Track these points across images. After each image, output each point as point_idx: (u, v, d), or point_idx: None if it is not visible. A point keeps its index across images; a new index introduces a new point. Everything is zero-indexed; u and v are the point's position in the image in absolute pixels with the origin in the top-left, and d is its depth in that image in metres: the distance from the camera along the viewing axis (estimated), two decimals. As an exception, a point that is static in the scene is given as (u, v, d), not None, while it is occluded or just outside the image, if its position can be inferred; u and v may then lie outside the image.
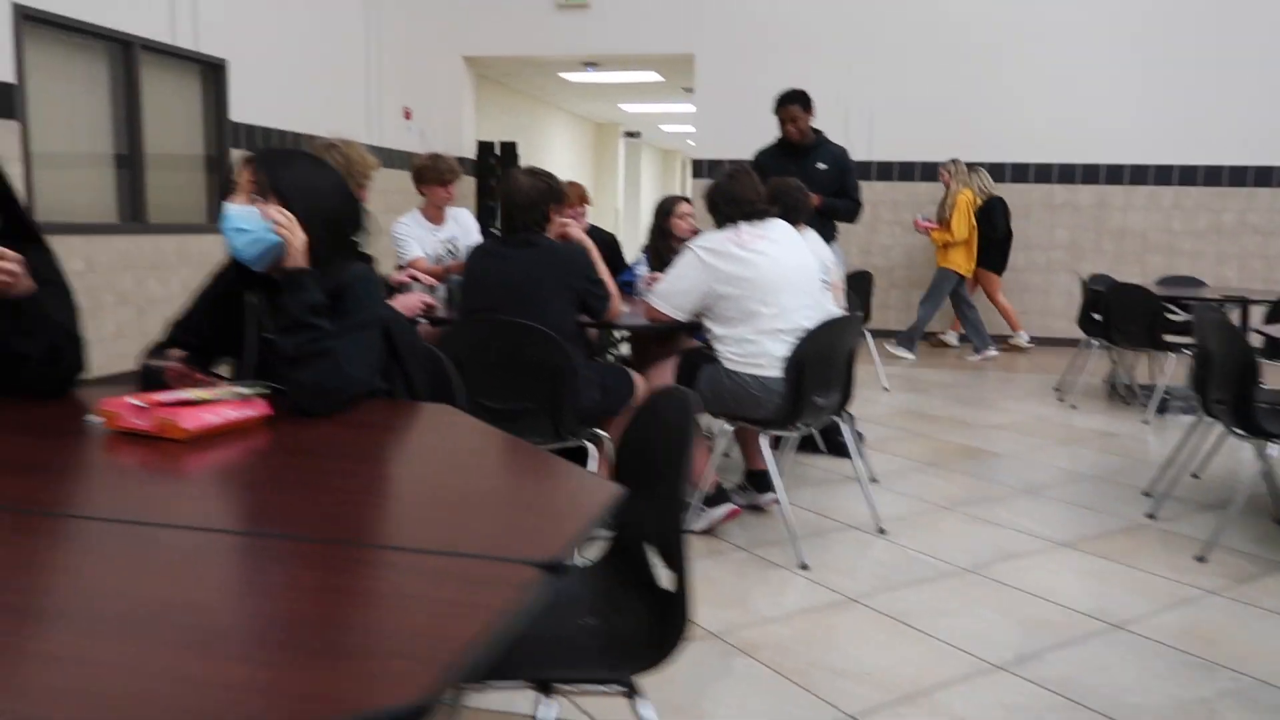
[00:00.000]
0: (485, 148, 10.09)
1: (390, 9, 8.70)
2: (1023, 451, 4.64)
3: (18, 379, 1.70)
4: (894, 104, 8.73)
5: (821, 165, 4.82)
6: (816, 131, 4.97)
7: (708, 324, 3.16)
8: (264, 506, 1.26)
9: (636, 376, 3.19)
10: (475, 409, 2.57)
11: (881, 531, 3.31)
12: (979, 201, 7.79)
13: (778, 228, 3.19)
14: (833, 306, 3.59)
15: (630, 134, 16.65)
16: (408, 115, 9.02)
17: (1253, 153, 8.20)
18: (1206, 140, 8.24)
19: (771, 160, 4.95)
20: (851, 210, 4.96)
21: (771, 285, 3.04)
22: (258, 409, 1.56)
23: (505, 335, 2.74)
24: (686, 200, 4.52)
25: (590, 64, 9.96)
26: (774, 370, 3.00)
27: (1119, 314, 5.56)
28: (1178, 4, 8.13)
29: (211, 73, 6.46)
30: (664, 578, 1.47)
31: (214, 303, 1.87)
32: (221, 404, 1.51)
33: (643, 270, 4.29)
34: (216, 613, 0.89)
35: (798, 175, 4.61)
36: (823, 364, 3.06)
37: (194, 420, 1.45)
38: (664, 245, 4.52)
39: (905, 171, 8.82)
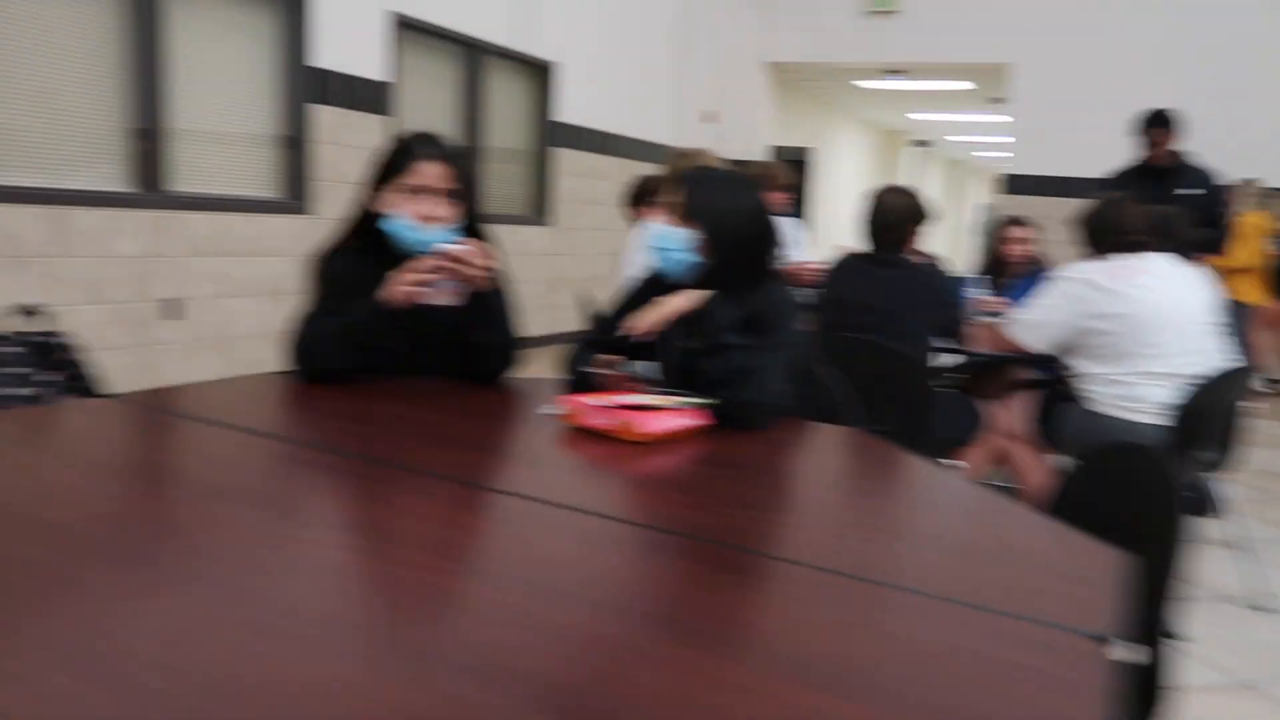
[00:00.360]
0: (781, 153, 10.08)
1: (700, 14, 8.89)
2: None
3: (474, 367, 1.84)
4: (1232, 121, 7.81)
5: (1184, 190, 4.39)
6: (1181, 153, 4.55)
7: (1073, 361, 2.93)
8: (750, 520, 1.26)
9: (981, 407, 3.03)
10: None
11: (1261, 608, 2.94)
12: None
13: (1160, 262, 2.91)
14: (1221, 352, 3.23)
15: (919, 143, 16.08)
16: (709, 118, 9.18)
17: None
18: None
19: (1129, 183, 4.58)
20: (1217, 241, 4.49)
21: (1152, 325, 2.77)
22: (700, 418, 1.59)
23: (869, 356, 2.67)
24: (1020, 222, 4.27)
25: (894, 71, 9.68)
26: (1150, 417, 2.74)
27: None
28: None
29: (540, 74, 6.87)
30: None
31: (637, 308, 1.93)
32: (673, 411, 1.55)
33: (984, 294, 4.08)
34: (792, 643, 0.89)
35: (1158, 200, 4.25)
36: (1209, 416, 2.75)
37: (652, 425, 1.50)
38: (997, 268, 4.30)
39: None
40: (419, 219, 1.81)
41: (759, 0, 9.48)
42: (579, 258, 7.52)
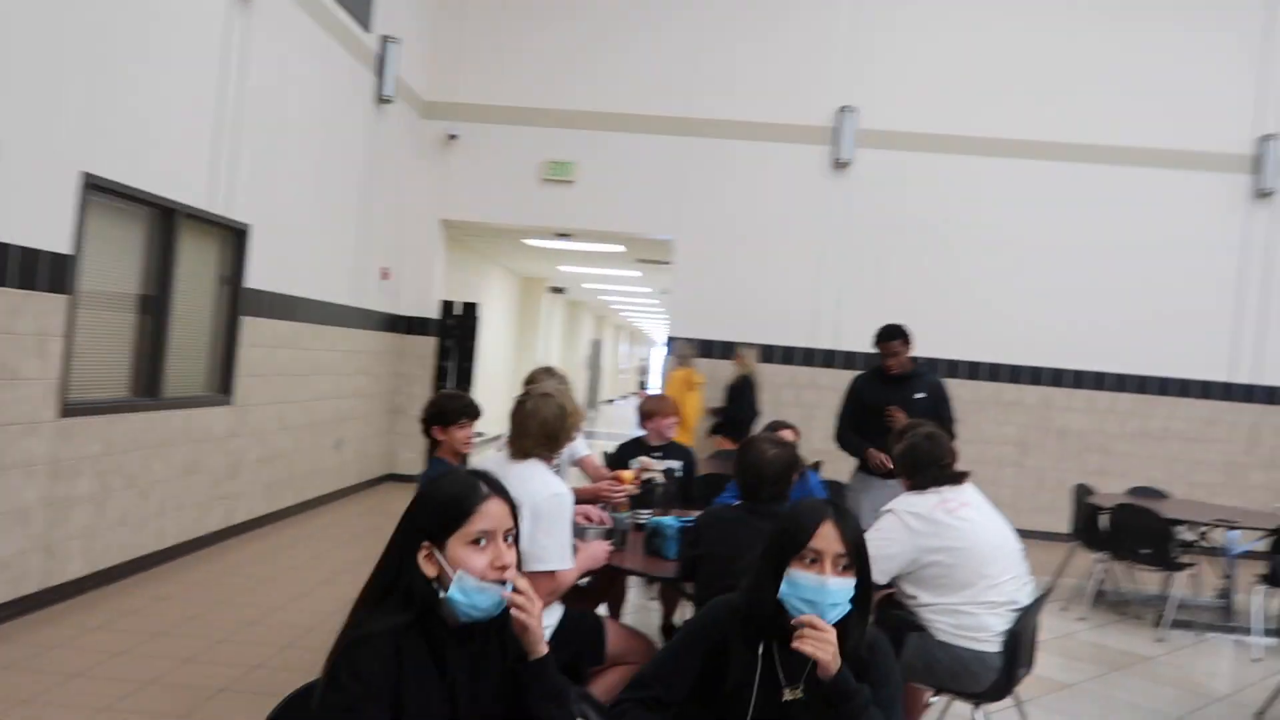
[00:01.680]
0: (446, 306, 9.99)
1: (384, 174, 8.68)
2: (1088, 684, 4.79)
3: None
4: (862, 297, 9.24)
5: (920, 395, 4.99)
6: (915, 360, 5.19)
7: (910, 589, 3.18)
8: None
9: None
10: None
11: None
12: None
13: (974, 493, 3.30)
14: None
15: (556, 289, 16.87)
16: (385, 275, 8.89)
17: (1177, 367, 9.10)
18: (1138, 353, 9.10)
19: (869, 386, 5.14)
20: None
21: (986, 555, 3.11)
22: None
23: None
24: (787, 426, 4.61)
25: (563, 234, 10.14)
26: (992, 645, 3.04)
27: (1129, 533, 5.94)
28: (1116, 234, 9.10)
29: (235, 238, 6.20)
30: None
31: (707, 655, 1.81)
32: None
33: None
34: None
35: (897, 403, 4.81)
36: (1030, 637, 3.13)
37: None
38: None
39: (869, 362, 9.23)
40: (490, 575, 1.54)
41: (440, 162, 9.50)
42: (262, 436, 6.75)
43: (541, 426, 2.99)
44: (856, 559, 1.87)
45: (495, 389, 12.40)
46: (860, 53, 9.33)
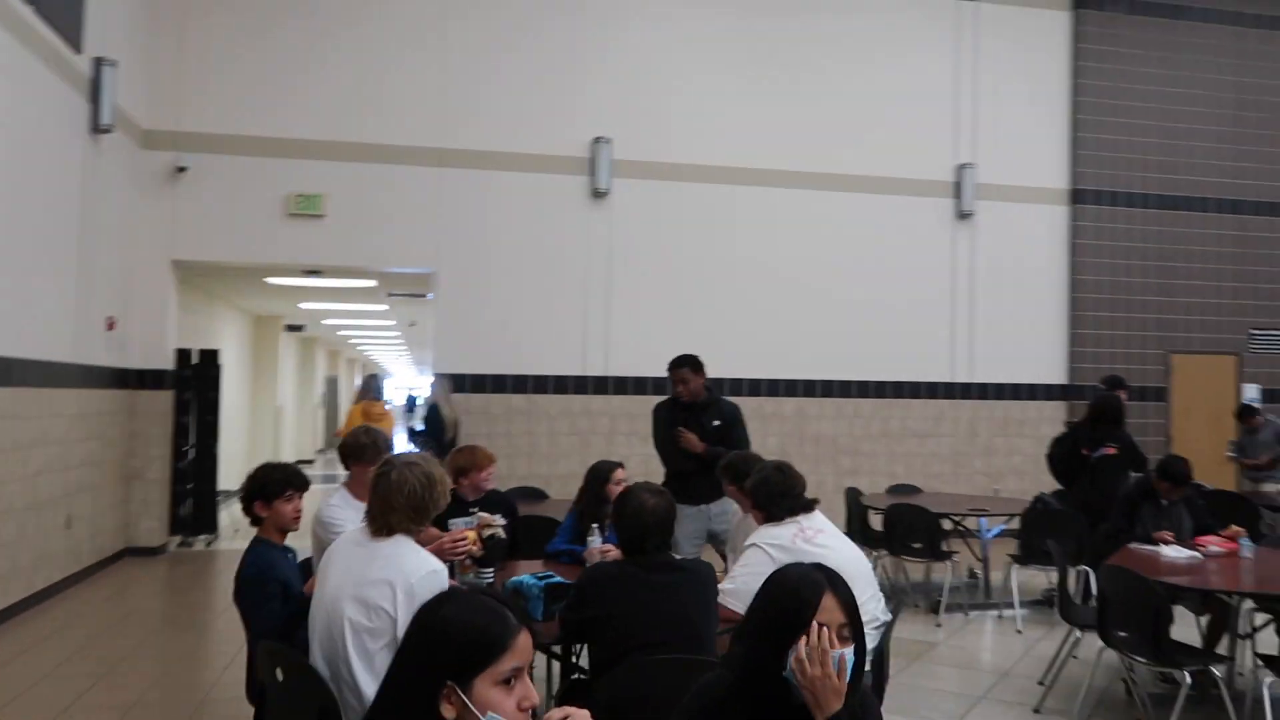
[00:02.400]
0: (182, 355, 9.02)
1: (106, 213, 7.69)
2: (898, 677, 5.13)
3: None
4: (629, 323, 9.42)
5: (715, 422, 5.12)
6: (709, 389, 5.31)
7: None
8: None
9: None
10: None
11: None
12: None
13: (823, 519, 3.42)
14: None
15: (293, 327, 15.77)
16: (111, 325, 7.86)
17: (908, 371, 10.08)
18: (874, 360, 9.98)
19: (668, 414, 5.21)
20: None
21: (847, 578, 3.22)
22: None
23: (682, 676, 2.60)
24: (620, 466, 4.55)
25: (312, 271, 9.49)
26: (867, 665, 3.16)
27: (902, 529, 6.47)
28: (849, 255, 9.92)
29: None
30: None
31: None
32: None
33: (596, 541, 4.19)
34: None
35: (694, 430, 4.92)
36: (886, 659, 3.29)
37: None
38: (600, 511, 4.48)
39: (639, 386, 9.43)
40: (520, 717, 1.37)
41: (168, 197, 8.56)
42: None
43: (409, 499, 2.73)
44: (853, 623, 1.84)
45: (238, 442, 11.36)
46: (612, 84, 9.53)
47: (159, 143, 8.60)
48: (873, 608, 3.24)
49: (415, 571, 2.64)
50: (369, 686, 2.60)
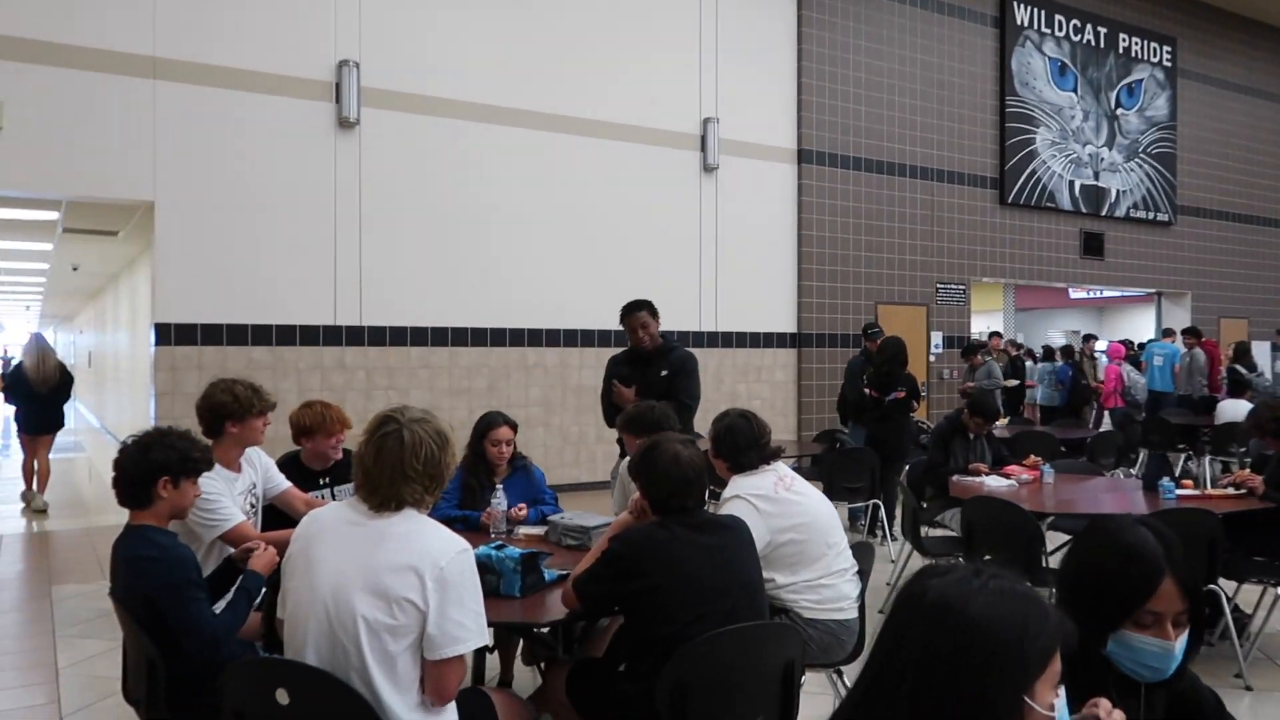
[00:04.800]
0: None
1: None
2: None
3: None
4: (384, 268, 8.65)
5: (663, 373, 4.74)
6: (665, 336, 4.90)
7: (767, 573, 3.07)
8: None
9: None
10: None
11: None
12: None
13: (785, 466, 3.30)
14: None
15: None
16: None
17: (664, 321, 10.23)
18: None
19: (622, 368, 4.78)
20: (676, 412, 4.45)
21: (825, 525, 3.14)
22: None
23: (756, 644, 2.35)
24: (509, 424, 4.09)
25: (-20, 198, 7.64)
26: (852, 612, 3.10)
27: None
28: (603, 202, 9.83)
29: None
30: None
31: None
32: None
33: (501, 503, 3.75)
34: None
35: (640, 382, 4.55)
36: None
37: None
38: (482, 470, 4.02)
39: (376, 336, 8.69)
40: None
41: None
42: None
43: (427, 464, 2.22)
44: (1192, 604, 1.61)
45: None
46: (361, 2, 8.57)
47: None
48: (849, 555, 3.20)
49: (444, 553, 2.16)
50: (391, 697, 2.10)
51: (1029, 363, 14.43)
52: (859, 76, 11.70)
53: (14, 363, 9.27)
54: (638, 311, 4.88)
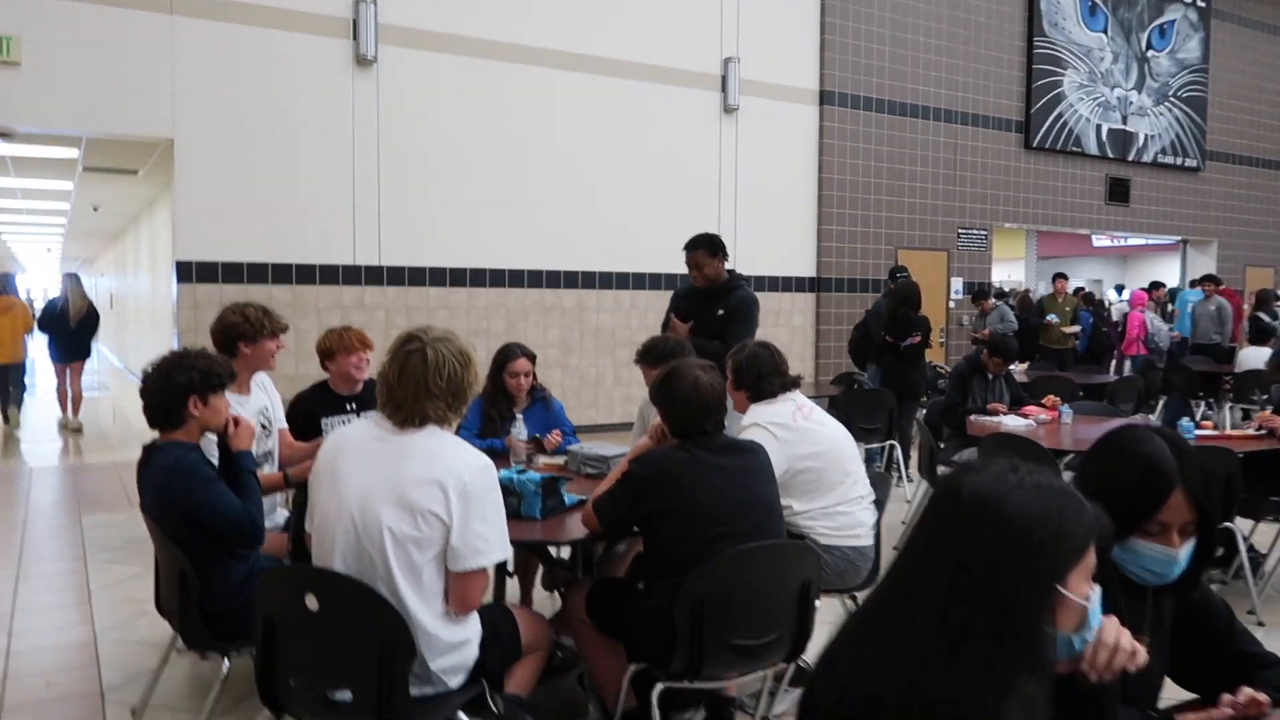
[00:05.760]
0: None
1: None
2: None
3: None
4: (403, 208, 8.65)
5: (720, 311, 4.58)
6: (732, 274, 4.75)
7: (784, 499, 3.10)
8: None
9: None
10: (731, 651, 2.32)
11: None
12: None
13: (802, 395, 3.32)
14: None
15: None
16: None
17: (680, 263, 10.18)
18: (647, 252, 9.98)
19: (682, 302, 4.72)
20: (717, 351, 4.08)
21: (843, 453, 3.17)
22: None
23: (767, 559, 2.39)
24: (526, 356, 4.12)
25: (2, 134, 7.66)
26: (868, 539, 3.13)
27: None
28: (623, 143, 9.73)
29: None
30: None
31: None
32: None
33: (521, 433, 3.80)
34: None
35: (697, 318, 4.47)
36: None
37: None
38: (501, 401, 4.06)
39: (395, 276, 8.71)
40: None
41: None
42: None
43: (450, 382, 2.24)
44: (1202, 514, 1.61)
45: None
46: (378, -64, 8.45)
47: None
48: (865, 483, 3.22)
49: (466, 468, 2.19)
50: (417, 605, 2.16)
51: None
52: (883, 15, 11.47)
53: (48, 301, 10.06)
54: (691, 250, 4.69)
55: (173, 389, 2.60)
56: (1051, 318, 11.49)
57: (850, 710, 1.13)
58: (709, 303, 4.65)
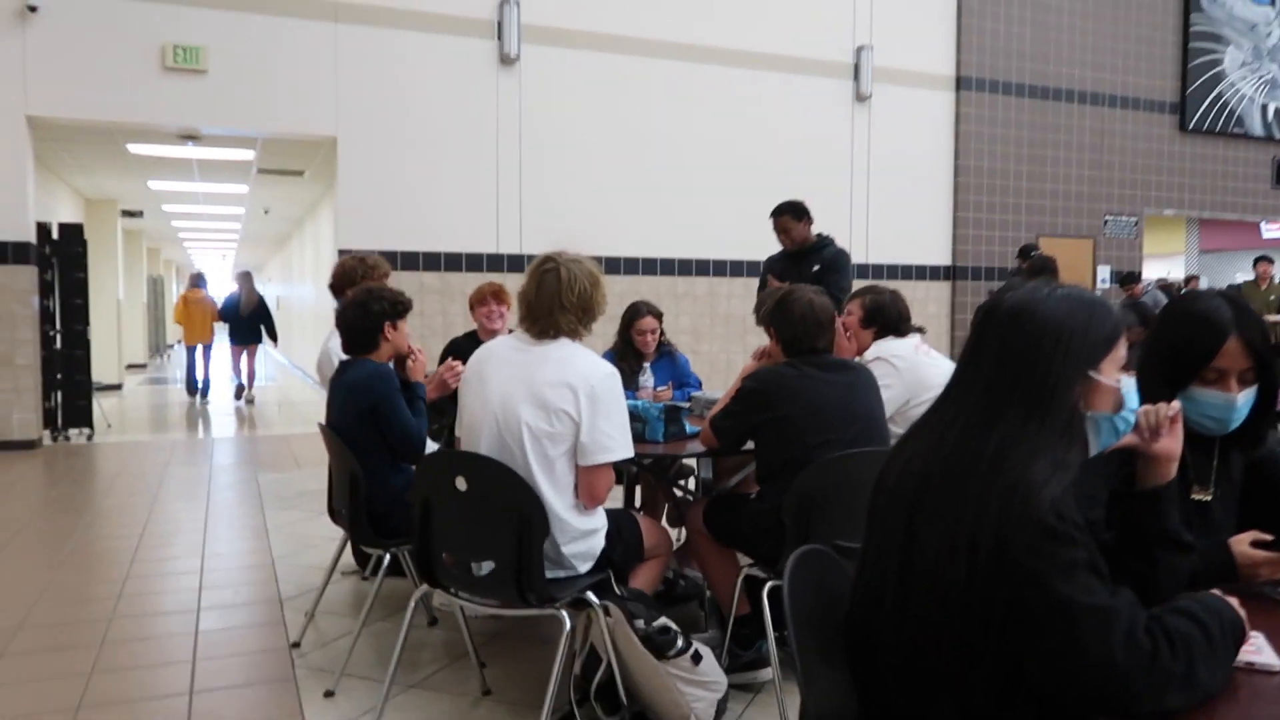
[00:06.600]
0: (43, 230, 7.95)
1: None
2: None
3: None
4: (541, 199, 9.09)
5: (815, 268, 4.97)
6: (820, 236, 5.10)
7: (899, 431, 3.23)
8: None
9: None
10: (836, 551, 2.45)
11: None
12: None
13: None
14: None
15: (129, 213, 14.18)
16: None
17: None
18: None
19: (777, 264, 5.06)
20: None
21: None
22: None
23: (873, 466, 2.55)
24: (654, 314, 4.39)
25: (190, 136, 8.52)
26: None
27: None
28: (754, 133, 9.90)
29: None
30: None
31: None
32: None
33: (649, 381, 4.06)
34: None
35: (793, 277, 4.76)
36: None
37: None
38: (630, 356, 4.33)
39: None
40: None
41: (18, 42, 7.37)
42: None
43: (580, 298, 2.51)
44: (1260, 366, 1.70)
45: (104, 334, 10.25)
46: (521, -59, 8.94)
47: (2, -24, 7.36)
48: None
49: (594, 373, 2.44)
50: (550, 494, 2.41)
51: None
52: (1024, -1, 11.22)
53: (227, 297, 12.18)
54: (777, 216, 5.10)
55: (370, 316, 3.03)
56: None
57: (909, 480, 1.32)
58: (802, 261, 5.06)
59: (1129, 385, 1.36)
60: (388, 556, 2.98)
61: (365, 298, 3.08)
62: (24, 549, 4.66)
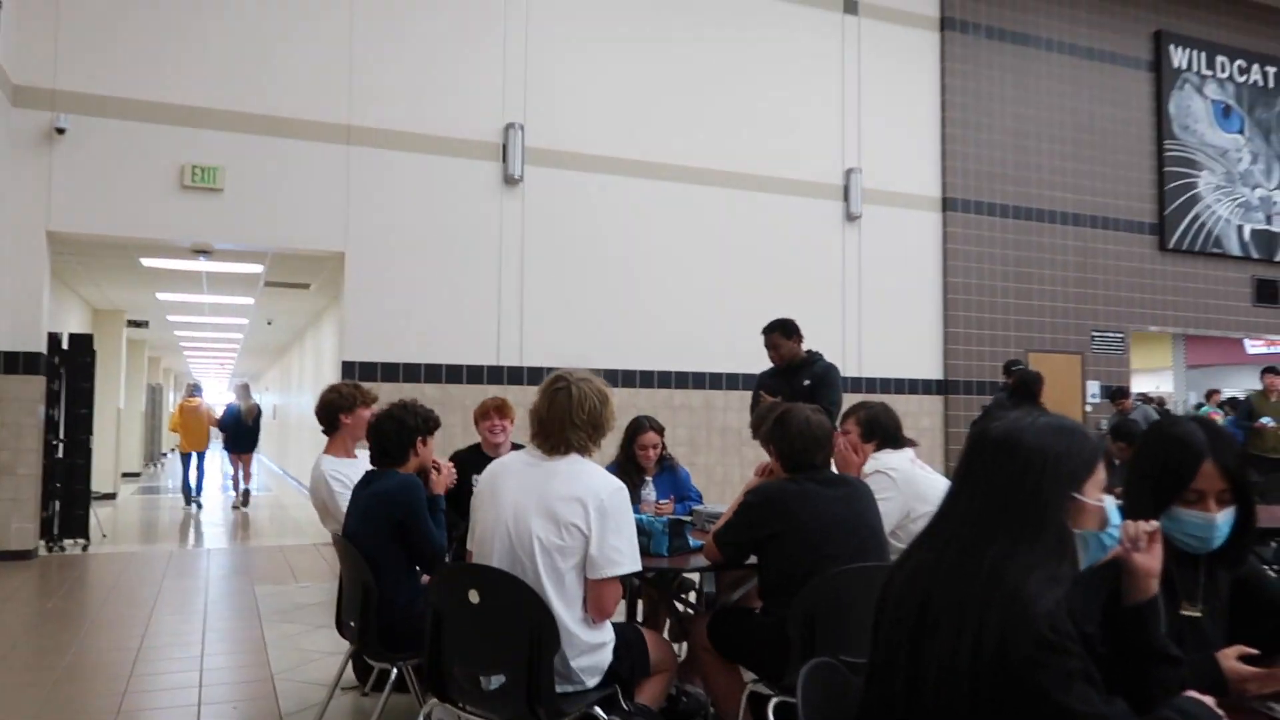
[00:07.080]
0: (53, 341, 8.11)
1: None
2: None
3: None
4: (542, 313, 9.31)
5: (806, 382, 5.13)
6: (810, 352, 5.29)
7: (895, 546, 3.31)
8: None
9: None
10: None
11: None
12: None
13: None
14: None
15: (135, 323, 14.41)
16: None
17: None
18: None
19: (769, 380, 5.22)
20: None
21: (953, 506, 3.35)
22: None
23: (876, 580, 2.62)
24: (655, 429, 4.51)
25: (202, 250, 8.78)
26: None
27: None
28: (748, 251, 10.23)
29: None
30: None
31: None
32: None
33: (651, 494, 4.14)
34: None
35: (785, 392, 4.92)
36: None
37: None
38: (632, 470, 4.42)
39: (534, 376, 9.27)
40: None
41: (44, 161, 7.69)
42: None
43: (590, 416, 2.63)
44: (1236, 488, 1.82)
45: (104, 443, 10.29)
46: (526, 71, 9.42)
47: (33, 100, 7.73)
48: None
49: (604, 488, 2.54)
50: (560, 607, 2.48)
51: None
52: (1005, 124, 11.76)
53: (226, 407, 12.99)
54: (768, 333, 5.30)
55: (405, 431, 3.16)
56: (1266, 421, 9.85)
57: (911, 596, 1.41)
58: (793, 377, 5.27)
59: (1111, 504, 1.47)
60: (394, 671, 3.00)
61: (400, 412, 3.23)
62: (22, 662, 4.63)
